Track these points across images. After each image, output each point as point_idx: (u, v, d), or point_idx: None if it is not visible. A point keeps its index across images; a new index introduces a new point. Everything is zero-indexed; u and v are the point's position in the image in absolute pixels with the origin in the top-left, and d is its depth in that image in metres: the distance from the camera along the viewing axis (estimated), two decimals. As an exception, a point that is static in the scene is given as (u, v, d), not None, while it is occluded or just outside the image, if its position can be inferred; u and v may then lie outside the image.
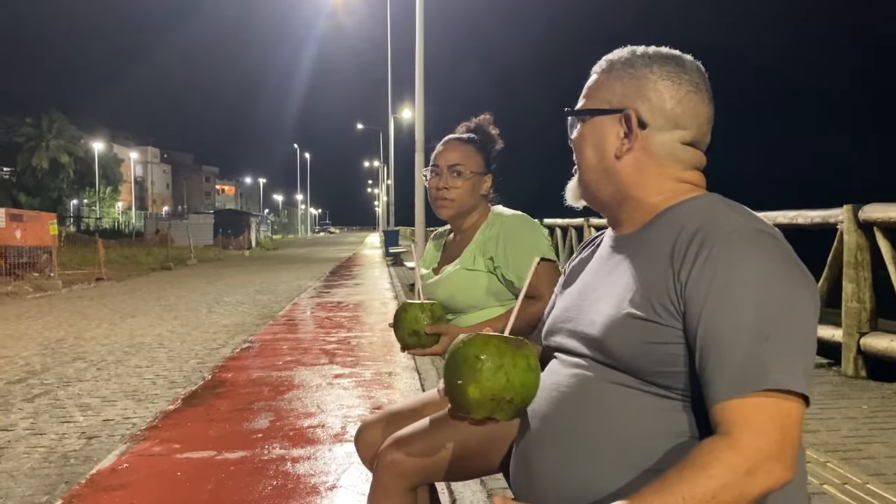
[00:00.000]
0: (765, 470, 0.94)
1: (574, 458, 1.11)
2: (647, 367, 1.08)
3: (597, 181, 1.22)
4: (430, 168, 2.10)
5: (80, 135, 55.55)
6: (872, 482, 2.99)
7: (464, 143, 2.08)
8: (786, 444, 0.96)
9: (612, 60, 1.23)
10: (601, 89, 1.22)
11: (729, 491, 0.93)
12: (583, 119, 1.22)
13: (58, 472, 3.58)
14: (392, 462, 1.68)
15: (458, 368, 1.08)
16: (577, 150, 1.24)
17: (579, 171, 1.26)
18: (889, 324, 5.10)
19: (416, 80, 14.42)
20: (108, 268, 18.76)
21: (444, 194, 2.04)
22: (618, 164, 1.19)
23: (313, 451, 3.76)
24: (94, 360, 6.72)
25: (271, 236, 61.14)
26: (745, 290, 1.01)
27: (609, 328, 1.11)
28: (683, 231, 1.09)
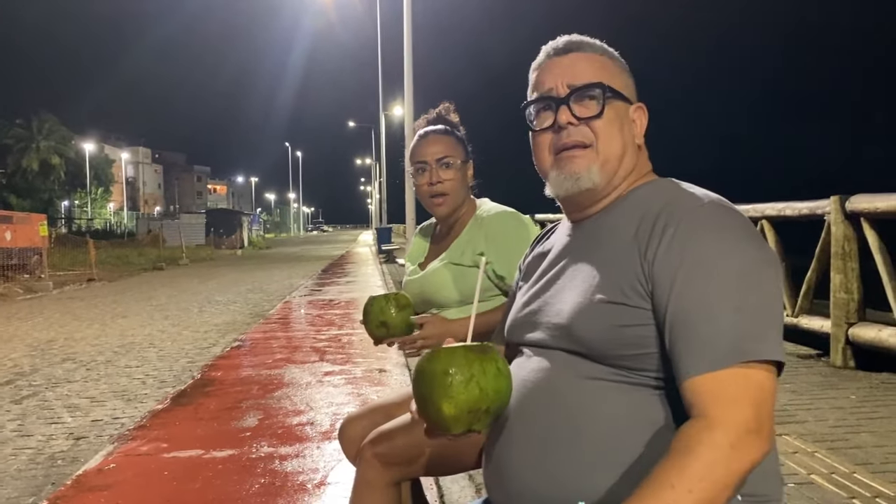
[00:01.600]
0: (746, 443, 0.94)
1: (545, 455, 1.10)
2: (616, 350, 1.07)
3: (617, 163, 1.19)
4: (414, 166, 2.03)
5: (70, 136, 55.33)
6: (860, 471, 2.99)
7: (442, 133, 2.03)
8: (762, 416, 0.96)
9: (605, 49, 1.24)
10: (616, 75, 1.22)
11: (716, 469, 0.92)
12: (608, 100, 1.19)
13: (44, 474, 3.55)
14: (374, 456, 1.67)
15: (427, 387, 1.04)
16: (603, 127, 1.18)
17: (603, 153, 1.18)
18: (877, 314, 5.12)
19: (405, 76, 14.40)
20: (100, 269, 18.68)
21: (438, 189, 1.98)
22: (632, 150, 1.21)
23: (302, 448, 3.74)
24: (83, 360, 6.68)
25: (263, 235, 61.02)
26: (712, 266, 1.02)
27: (577, 315, 1.10)
28: (648, 212, 1.11)
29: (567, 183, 1.19)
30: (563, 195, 1.21)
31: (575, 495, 1.05)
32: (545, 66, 1.23)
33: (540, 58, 1.26)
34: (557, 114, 1.19)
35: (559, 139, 1.19)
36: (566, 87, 1.19)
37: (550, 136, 1.21)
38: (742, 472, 0.94)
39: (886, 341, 4.66)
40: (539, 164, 1.25)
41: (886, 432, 3.53)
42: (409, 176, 2.10)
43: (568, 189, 1.19)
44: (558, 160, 1.20)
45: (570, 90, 1.18)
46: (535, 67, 1.26)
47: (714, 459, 0.92)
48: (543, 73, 1.23)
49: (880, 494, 2.76)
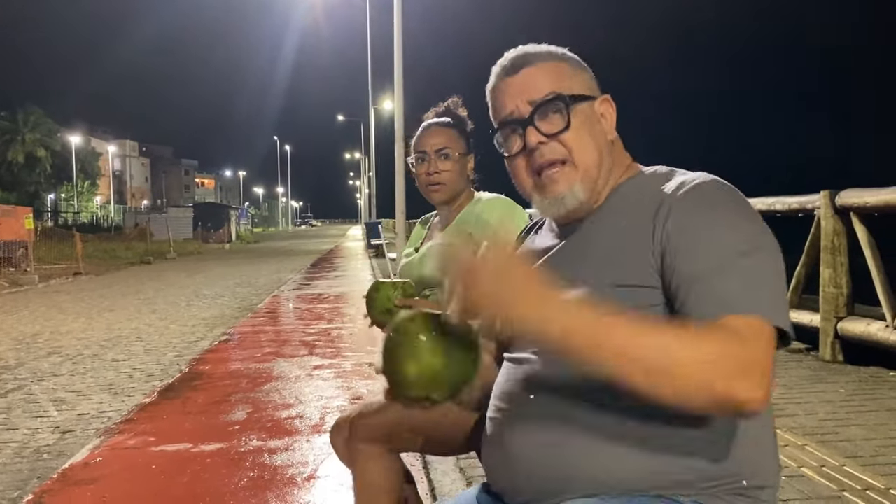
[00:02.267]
0: (754, 382, 0.88)
1: (556, 437, 1.08)
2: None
3: (597, 171, 1.16)
4: (415, 155, 2.10)
5: (56, 128, 54.95)
6: (849, 464, 3.00)
7: (445, 126, 2.09)
8: (767, 371, 0.91)
9: (553, 53, 1.20)
10: (572, 77, 1.18)
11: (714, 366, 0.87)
12: (572, 108, 1.15)
13: (30, 468, 3.51)
14: (363, 426, 1.72)
15: (396, 344, 1.02)
16: (573, 138, 1.15)
17: (581, 164, 1.15)
18: (866, 308, 5.14)
19: (395, 70, 14.33)
20: (87, 262, 18.54)
21: (435, 178, 2.04)
22: (607, 149, 1.18)
23: (291, 442, 3.72)
24: (69, 354, 6.62)
25: (252, 229, 60.82)
26: (725, 232, 1.01)
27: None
28: (651, 197, 1.09)
29: (553, 207, 1.17)
30: (552, 216, 1.21)
31: (591, 478, 1.04)
32: (500, 89, 1.19)
33: (492, 81, 1.22)
34: (525, 136, 1.15)
35: (534, 160, 1.16)
36: (527, 104, 1.15)
37: (523, 159, 1.18)
38: (724, 395, 0.86)
39: (875, 335, 4.68)
40: (520, 187, 1.22)
41: (875, 425, 3.54)
42: (403, 164, 2.14)
43: (555, 212, 1.18)
44: (539, 184, 1.17)
45: (533, 108, 1.15)
46: (490, 91, 1.22)
47: (721, 355, 0.87)
48: (500, 96, 1.19)
49: (870, 487, 2.77)
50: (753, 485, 1.05)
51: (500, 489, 1.17)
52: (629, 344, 0.88)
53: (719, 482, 1.04)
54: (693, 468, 1.03)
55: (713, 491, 1.03)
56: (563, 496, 1.05)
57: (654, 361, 0.87)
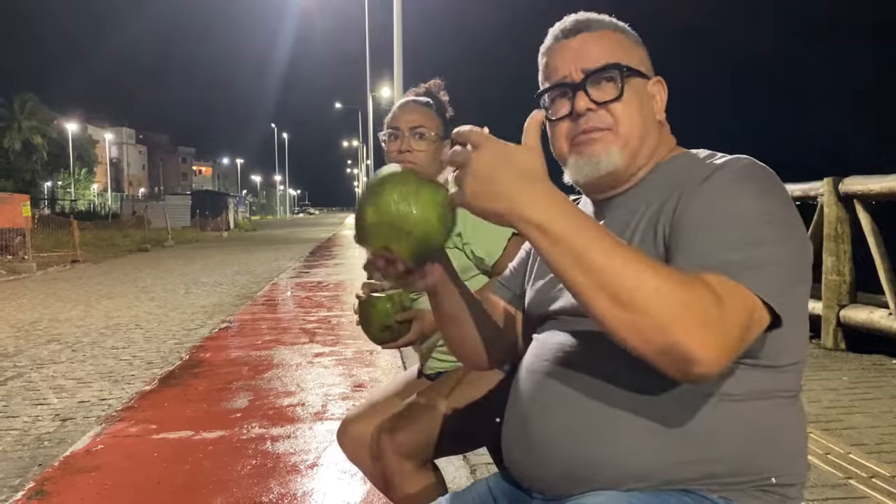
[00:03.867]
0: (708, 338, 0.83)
1: (583, 423, 1.05)
2: None
3: (640, 143, 1.13)
4: (388, 131, 1.97)
5: (53, 116, 54.74)
6: (854, 452, 2.99)
7: (423, 105, 1.98)
8: (736, 343, 0.87)
9: (616, 24, 1.18)
10: (630, 51, 1.16)
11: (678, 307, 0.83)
12: (626, 80, 1.12)
13: (31, 455, 3.49)
14: (398, 445, 1.66)
15: (364, 193, 1.02)
16: (623, 109, 1.12)
17: (624, 135, 1.12)
18: (868, 296, 5.13)
19: (395, 57, 14.27)
20: (84, 250, 18.50)
21: (406, 158, 1.91)
22: (654, 127, 1.16)
23: (293, 429, 3.70)
24: (69, 341, 6.60)
25: (249, 217, 60.69)
26: (747, 200, 0.97)
27: None
28: (687, 178, 1.06)
29: (587, 167, 1.13)
30: (583, 181, 1.15)
31: (618, 465, 1.01)
32: (555, 51, 1.16)
33: (548, 42, 1.18)
34: (574, 101, 1.12)
35: (577, 126, 1.13)
36: (580, 71, 1.12)
37: (567, 124, 1.14)
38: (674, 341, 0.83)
39: (878, 323, 4.67)
40: (556, 152, 1.18)
41: (879, 413, 3.54)
42: (382, 143, 2.02)
43: (588, 174, 1.13)
44: (576, 144, 1.14)
45: (586, 74, 1.12)
46: (544, 52, 1.19)
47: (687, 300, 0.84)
48: (554, 58, 1.16)
49: (876, 475, 2.76)
50: (782, 482, 1.03)
51: (523, 477, 1.14)
52: (606, 263, 0.84)
53: (748, 477, 1.01)
54: (722, 461, 1.00)
55: (741, 486, 1.01)
56: (589, 485, 1.02)
57: (623, 287, 0.84)
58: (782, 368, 1.03)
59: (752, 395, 1.01)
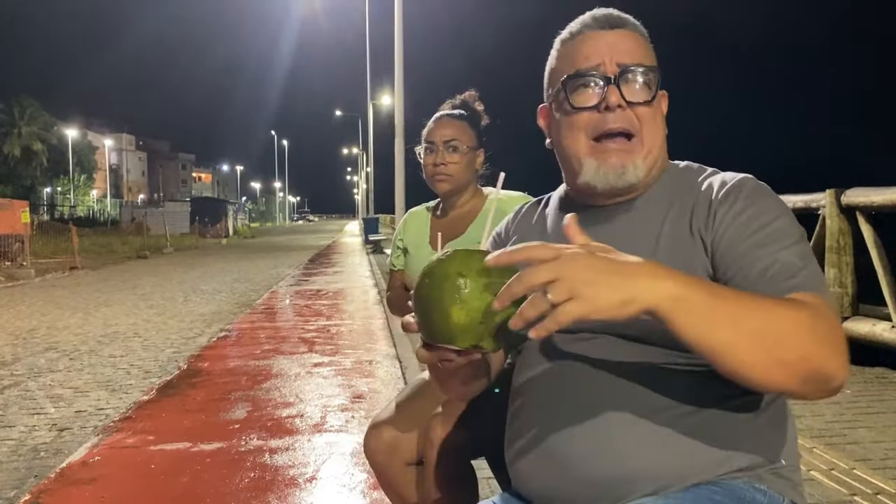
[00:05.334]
0: (840, 352, 0.88)
1: (611, 436, 1.02)
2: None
3: (659, 153, 1.13)
4: (424, 145, 2.10)
5: (53, 122, 54.75)
6: (859, 467, 2.96)
7: (456, 118, 2.09)
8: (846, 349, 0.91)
9: (643, 30, 1.16)
10: (654, 60, 1.14)
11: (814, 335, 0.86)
12: (657, 86, 1.11)
13: (27, 466, 3.46)
14: (448, 438, 1.66)
15: (437, 290, 0.90)
16: (650, 116, 1.10)
17: (647, 144, 1.11)
18: (871, 308, 5.10)
19: (396, 66, 14.27)
20: (83, 256, 18.46)
21: (441, 170, 2.04)
22: (665, 141, 1.17)
23: (292, 441, 3.67)
24: (66, 350, 6.56)
25: (249, 224, 60.64)
26: (776, 217, 1.02)
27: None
28: (698, 191, 1.09)
29: (610, 177, 1.09)
30: (601, 189, 1.11)
31: (653, 476, 1.00)
32: (589, 38, 1.12)
33: (576, 27, 1.14)
34: (606, 93, 1.08)
35: (603, 122, 1.09)
36: (616, 65, 1.09)
37: (589, 116, 1.10)
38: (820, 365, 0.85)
39: (881, 336, 4.64)
40: (569, 145, 1.13)
41: (883, 427, 3.51)
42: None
43: (611, 183, 1.10)
44: (598, 150, 1.10)
45: (621, 69, 1.08)
46: (572, 37, 1.14)
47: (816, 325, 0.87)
48: (586, 45, 1.11)
49: (881, 491, 2.73)
50: (789, 465, 1.06)
51: (539, 494, 1.09)
52: (741, 312, 0.84)
53: (764, 465, 1.03)
54: (749, 452, 1.02)
55: (760, 472, 1.03)
56: (628, 497, 1.00)
57: (762, 328, 0.84)
58: None
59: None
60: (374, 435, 1.83)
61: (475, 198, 2.11)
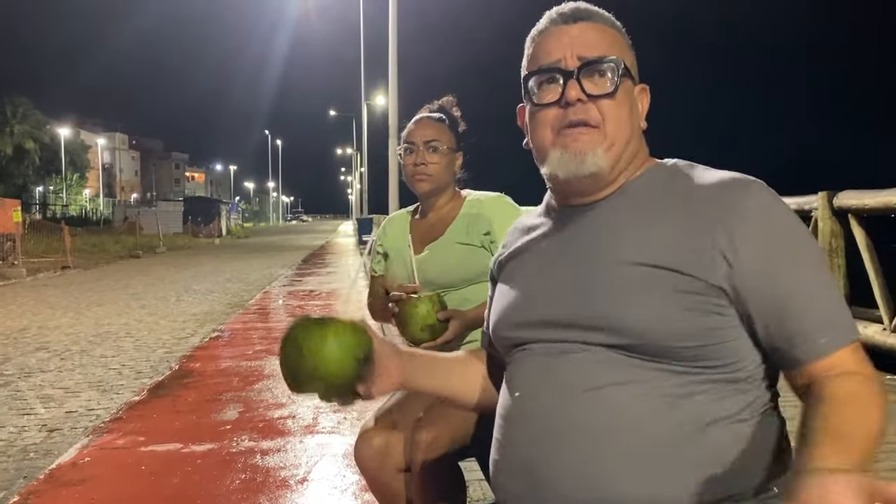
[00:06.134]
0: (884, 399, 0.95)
1: (597, 458, 1.00)
2: (672, 342, 0.98)
3: (623, 147, 1.10)
4: (404, 146, 2.11)
5: (45, 120, 54.48)
6: (850, 470, 2.96)
7: (435, 121, 2.11)
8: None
9: (614, 22, 1.15)
10: (624, 52, 1.13)
11: (882, 414, 0.93)
12: (618, 77, 1.09)
13: (16, 467, 3.44)
14: (436, 439, 1.67)
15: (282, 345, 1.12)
16: (613, 108, 1.08)
17: (611, 136, 1.08)
18: (863, 311, 5.11)
19: (390, 66, 14.26)
20: (75, 256, 18.38)
21: (421, 170, 2.05)
22: (638, 133, 1.14)
23: (284, 442, 3.65)
24: (57, 350, 6.53)
25: (242, 224, 60.53)
26: (795, 243, 1.02)
27: (621, 305, 1.01)
28: (693, 194, 1.05)
29: (571, 164, 1.07)
30: (563, 177, 1.09)
31: (645, 496, 0.97)
32: (551, 34, 1.11)
33: (542, 24, 1.14)
34: (566, 88, 1.07)
35: (564, 116, 1.08)
36: (577, 58, 1.07)
37: (554, 111, 1.09)
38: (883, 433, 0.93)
39: (872, 338, 4.65)
40: (537, 141, 1.13)
41: (874, 430, 3.51)
42: (397, 159, 2.18)
43: (571, 171, 1.08)
44: (560, 137, 1.09)
45: (582, 63, 1.07)
46: (538, 34, 1.14)
47: (881, 413, 0.93)
48: (549, 41, 1.11)
49: (872, 494, 2.73)
50: (781, 489, 1.03)
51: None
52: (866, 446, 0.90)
53: (758, 491, 1.01)
54: (736, 481, 0.99)
55: (753, 500, 1.00)
56: None
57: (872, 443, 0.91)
58: (766, 380, 1.05)
59: (752, 410, 1.01)
60: (365, 442, 1.82)
61: (454, 200, 2.12)
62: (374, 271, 2.27)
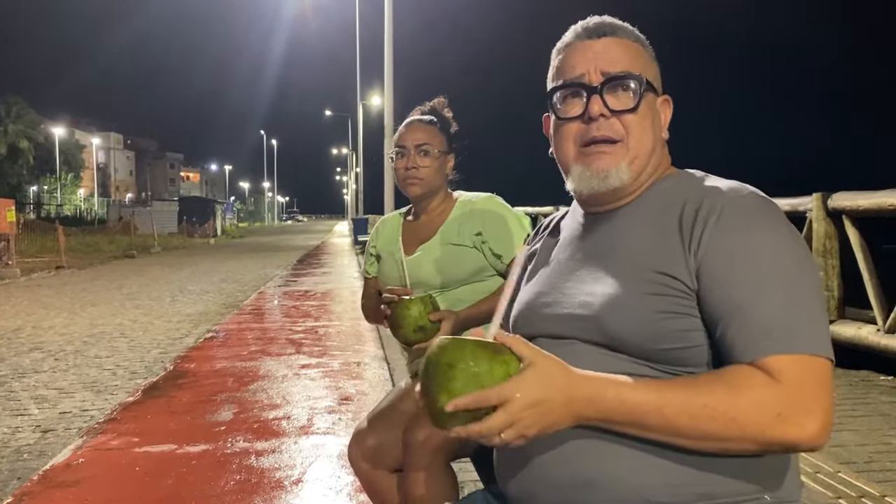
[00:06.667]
0: (797, 422, 0.91)
1: (579, 443, 1.04)
2: (654, 344, 1.02)
3: (647, 160, 1.13)
4: (395, 149, 2.11)
5: (39, 119, 54.30)
6: (844, 471, 2.98)
7: (427, 123, 2.10)
8: (825, 404, 0.93)
9: (638, 35, 1.18)
10: (647, 65, 1.15)
11: (752, 421, 0.91)
12: (640, 92, 1.12)
13: (9, 468, 3.43)
14: (427, 440, 1.68)
15: (430, 378, 0.98)
16: (635, 122, 1.11)
17: (633, 150, 1.11)
18: (856, 312, 5.13)
19: (385, 66, 14.25)
20: (70, 256, 18.33)
21: (413, 173, 2.05)
22: (660, 144, 1.16)
23: (279, 443, 3.65)
24: (51, 350, 6.51)
25: (237, 224, 60.43)
26: (765, 256, 1.00)
27: (609, 305, 1.06)
28: (686, 201, 1.07)
29: (594, 181, 1.11)
30: (587, 193, 1.14)
31: (612, 484, 1.02)
32: (575, 49, 1.14)
33: (567, 38, 1.17)
34: (589, 103, 1.10)
35: (587, 131, 1.11)
36: (600, 74, 1.11)
37: (577, 126, 1.12)
38: (773, 442, 0.91)
39: (866, 339, 4.67)
40: (561, 155, 1.16)
41: (868, 431, 3.53)
42: (389, 160, 2.16)
43: (594, 187, 1.12)
44: (584, 154, 1.12)
45: (605, 78, 1.10)
46: (562, 48, 1.17)
47: (756, 414, 0.91)
48: (573, 55, 1.14)
49: (865, 494, 2.74)
50: (777, 498, 1.03)
51: (515, 494, 1.13)
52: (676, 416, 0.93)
53: (742, 496, 1.01)
54: (716, 481, 1.00)
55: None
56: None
57: (702, 428, 0.93)
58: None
59: None
60: (358, 443, 1.83)
61: (446, 202, 2.12)
62: (368, 273, 2.27)
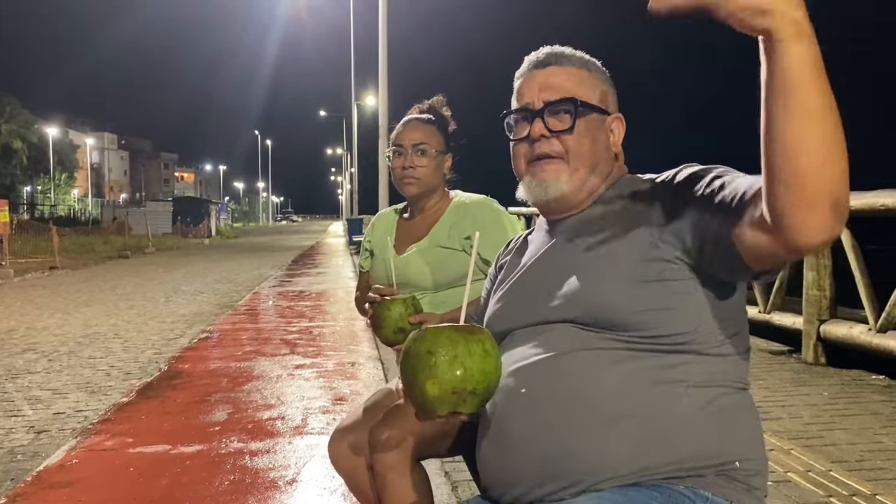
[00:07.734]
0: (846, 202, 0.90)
1: (552, 428, 1.11)
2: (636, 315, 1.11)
3: (588, 172, 1.26)
4: (392, 148, 2.10)
5: (33, 119, 54.16)
6: (835, 469, 3.00)
7: (424, 122, 2.10)
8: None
9: (586, 62, 1.31)
10: (592, 88, 1.28)
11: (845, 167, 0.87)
12: (580, 115, 1.25)
13: (3, 469, 3.42)
14: (389, 438, 1.66)
15: (412, 368, 1.03)
16: (573, 141, 1.25)
17: (574, 164, 1.25)
18: (848, 311, 5.16)
19: (380, 66, 14.26)
20: (63, 256, 18.28)
21: (409, 173, 2.05)
22: (606, 158, 1.28)
23: (273, 444, 3.65)
24: (45, 350, 6.50)
25: (232, 224, 60.32)
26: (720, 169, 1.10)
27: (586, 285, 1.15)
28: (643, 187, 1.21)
29: (537, 190, 1.27)
30: (532, 201, 1.29)
31: (593, 451, 1.08)
32: (525, 78, 1.30)
33: (522, 68, 1.32)
34: (532, 126, 1.26)
35: (532, 150, 1.27)
36: (541, 101, 1.26)
37: (525, 145, 1.28)
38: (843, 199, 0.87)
39: (857, 338, 4.70)
40: (516, 170, 1.33)
41: (859, 430, 3.55)
42: (385, 159, 2.16)
43: (538, 196, 1.27)
44: (531, 167, 1.28)
45: (545, 104, 1.25)
46: (517, 77, 1.33)
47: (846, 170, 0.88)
48: (523, 84, 1.30)
49: (857, 493, 2.76)
50: (745, 468, 1.10)
51: (494, 482, 1.20)
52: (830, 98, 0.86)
53: (711, 461, 1.08)
54: (686, 446, 1.07)
55: (705, 471, 1.07)
56: (561, 480, 1.09)
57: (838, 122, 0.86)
58: (730, 357, 1.14)
59: (708, 381, 1.11)
60: (338, 440, 1.83)
61: (441, 202, 2.12)
62: (363, 267, 2.28)
